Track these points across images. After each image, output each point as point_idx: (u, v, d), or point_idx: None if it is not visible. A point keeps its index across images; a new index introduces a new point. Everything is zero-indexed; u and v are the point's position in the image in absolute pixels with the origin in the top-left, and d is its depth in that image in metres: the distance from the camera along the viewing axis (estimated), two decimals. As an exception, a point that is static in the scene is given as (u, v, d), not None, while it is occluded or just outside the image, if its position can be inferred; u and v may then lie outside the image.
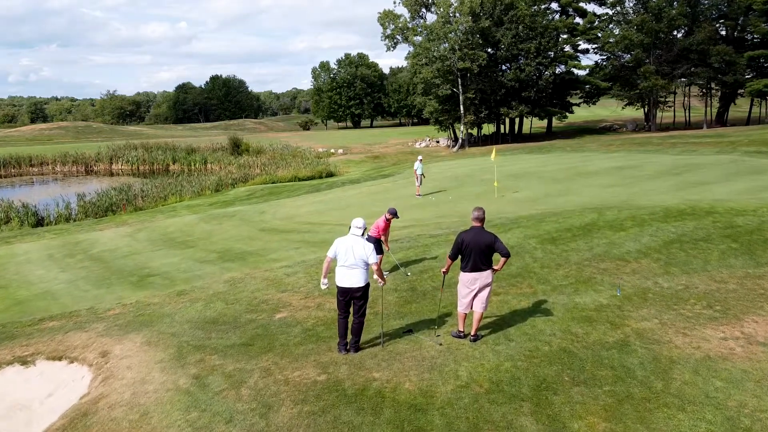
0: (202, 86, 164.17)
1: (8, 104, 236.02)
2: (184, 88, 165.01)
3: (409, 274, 11.84)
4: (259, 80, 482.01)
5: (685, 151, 37.33)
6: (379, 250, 11.96)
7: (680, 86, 59.61)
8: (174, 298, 11.80)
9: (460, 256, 7.68)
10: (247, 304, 10.81)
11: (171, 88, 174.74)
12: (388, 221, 12.12)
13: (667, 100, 63.02)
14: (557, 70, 58.20)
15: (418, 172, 24.25)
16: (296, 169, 45.26)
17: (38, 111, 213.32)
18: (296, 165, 48.82)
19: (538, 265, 10.94)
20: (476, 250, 7.42)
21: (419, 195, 24.40)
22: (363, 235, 7.75)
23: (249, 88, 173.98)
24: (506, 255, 7.41)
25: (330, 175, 45.36)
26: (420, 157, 24.62)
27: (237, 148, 59.78)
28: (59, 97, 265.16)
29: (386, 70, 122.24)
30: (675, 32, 56.85)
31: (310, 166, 47.41)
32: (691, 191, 21.37)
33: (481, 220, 7.68)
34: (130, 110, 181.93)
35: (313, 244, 16.41)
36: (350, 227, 7.91)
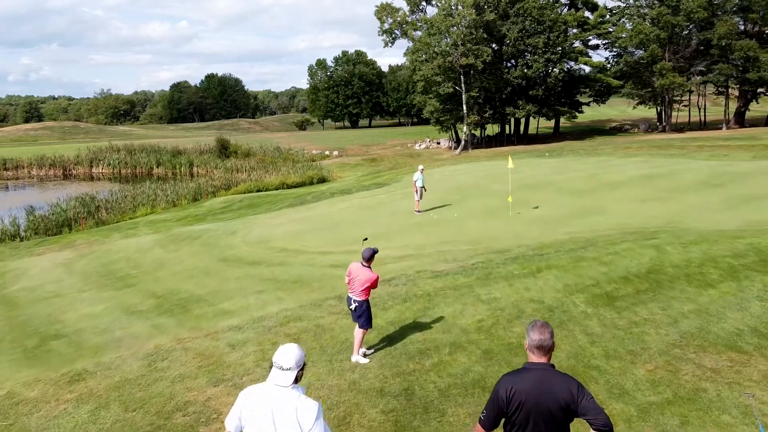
0: (197, 85, 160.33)
1: (5, 103, 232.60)
2: (179, 87, 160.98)
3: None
4: (260, 79, 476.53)
5: (715, 155, 33.58)
6: (368, 321, 8.21)
7: (696, 84, 55.72)
8: (59, 390, 8.08)
9: (503, 423, 3.82)
10: (156, 412, 7.08)
11: (169, 87, 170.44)
12: (368, 267, 8.38)
13: (682, 98, 59.26)
14: (566, 67, 54.39)
15: (419, 184, 20.53)
16: (285, 175, 41.52)
17: (33, 110, 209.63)
18: (286, 170, 45.07)
19: (599, 352, 7.19)
20: (538, 414, 3.55)
21: (419, 211, 20.67)
22: (297, 382, 3.72)
23: (245, 87, 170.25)
24: (605, 427, 3.54)
25: (322, 180, 41.62)
26: (421, 167, 20.90)
27: (224, 150, 56.01)
28: (56, 96, 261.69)
29: (386, 69, 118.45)
30: (692, 26, 53.01)
31: (301, 171, 43.66)
32: (748, 210, 17.66)
33: (548, 350, 3.76)
34: (125, 109, 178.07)
35: (281, 286, 12.68)
36: (272, 366, 3.84)
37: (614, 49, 60.68)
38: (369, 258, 8.19)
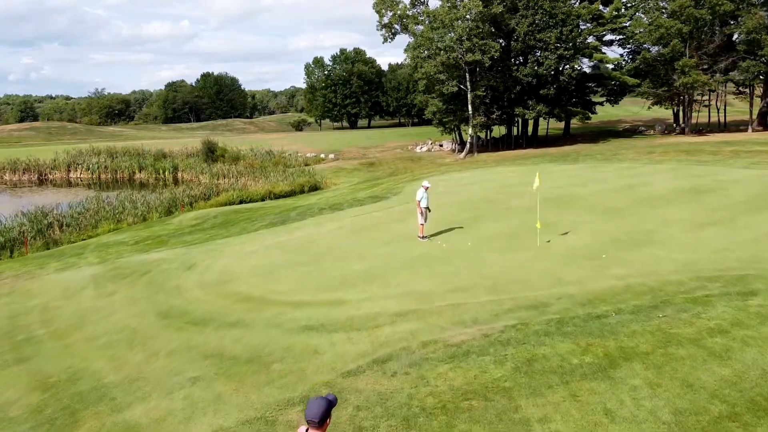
0: (192, 84, 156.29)
1: (3, 103, 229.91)
2: (174, 86, 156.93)
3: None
4: (260, 78, 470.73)
5: (757, 163, 29.61)
6: None
7: (720, 83, 51.72)
8: None
9: None
10: None
11: (164, 86, 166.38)
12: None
13: (703, 98, 55.26)
14: (580, 65, 50.33)
15: (423, 204, 16.58)
16: (272, 183, 37.58)
17: (28, 110, 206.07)
18: (275, 176, 41.14)
19: None
20: None
21: (423, 237, 16.75)
22: None
23: (243, 87, 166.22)
24: None
25: (314, 188, 37.72)
26: (426, 184, 16.92)
27: (211, 153, 52.06)
28: (53, 96, 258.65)
29: (386, 68, 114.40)
30: (716, 20, 48.97)
31: (291, 178, 39.73)
32: None
33: None
34: (120, 109, 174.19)
35: (228, 369, 8.77)
36: None
37: (628, 46, 56.81)
38: (320, 420, 4.17)
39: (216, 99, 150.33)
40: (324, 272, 14.08)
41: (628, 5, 54.73)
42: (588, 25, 52.24)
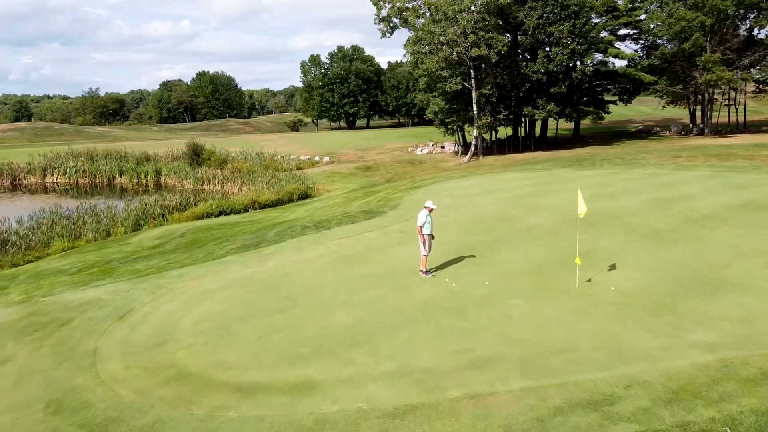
0: (187, 83, 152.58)
1: (0, 102, 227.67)
2: (168, 86, 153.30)
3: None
4: (260, 78, 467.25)
5: (806, 169, 26.02)
6: None
7: (749, 79, 48.13)
8: None
9: None
10: None
11: (159, 86, 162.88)
12: None
13: (725, 96, 51.64)
14: (594, 61, 46.66)
15: (426, 231, 12.96)
16: (258, 191, 33.95)
17: (24, 110, 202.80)
18: (263, 182, 37.51)
19: None
20: None
21: (426, 272, 13.16)
22: None
23: (241, 86, 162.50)
24: None
25: (303, 196, 34.12)
26: (429, 205, 13.29)
27: (197, 157, 48.38)
28: (51, 96, 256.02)
29: (385, 66, 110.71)
30: (742, 12, 45.35)
31: (279, 184, 36.09)
32: None
33: None
34: (114, 109, 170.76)
35: None
36: None
37: (641, 41, 53.20)
38: None
39: (211, 98, 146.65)
40: (293, 328, 10.48)
41: (643, -3, 51.12)
42: (602, 18, 48.63)
